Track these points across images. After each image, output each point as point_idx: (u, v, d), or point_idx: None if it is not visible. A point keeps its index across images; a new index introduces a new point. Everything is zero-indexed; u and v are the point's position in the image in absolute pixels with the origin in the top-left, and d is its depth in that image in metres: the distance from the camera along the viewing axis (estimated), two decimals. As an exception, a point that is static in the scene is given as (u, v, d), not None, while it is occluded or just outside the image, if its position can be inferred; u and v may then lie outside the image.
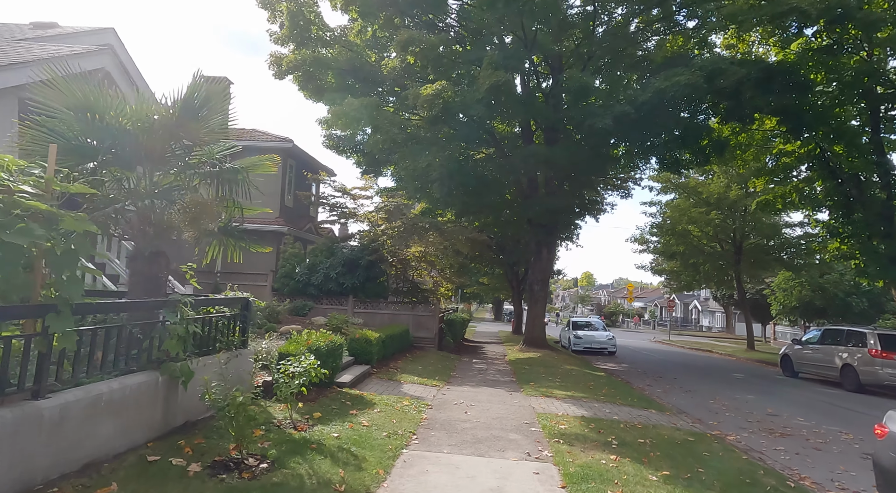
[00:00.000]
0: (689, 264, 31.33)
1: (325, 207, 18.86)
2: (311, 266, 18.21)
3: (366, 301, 18.04)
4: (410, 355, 15.34)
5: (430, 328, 17.99)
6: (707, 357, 26.65)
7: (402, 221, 17.27)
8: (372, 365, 11.04)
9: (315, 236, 21.31)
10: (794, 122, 17.85)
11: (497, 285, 39.06)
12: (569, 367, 16.08)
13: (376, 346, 11.21)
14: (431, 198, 20.71)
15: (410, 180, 18.47)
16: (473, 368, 14.85)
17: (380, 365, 12.03)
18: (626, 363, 20.95)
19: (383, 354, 12.42)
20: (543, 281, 21.20)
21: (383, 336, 12.42)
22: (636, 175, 27.51)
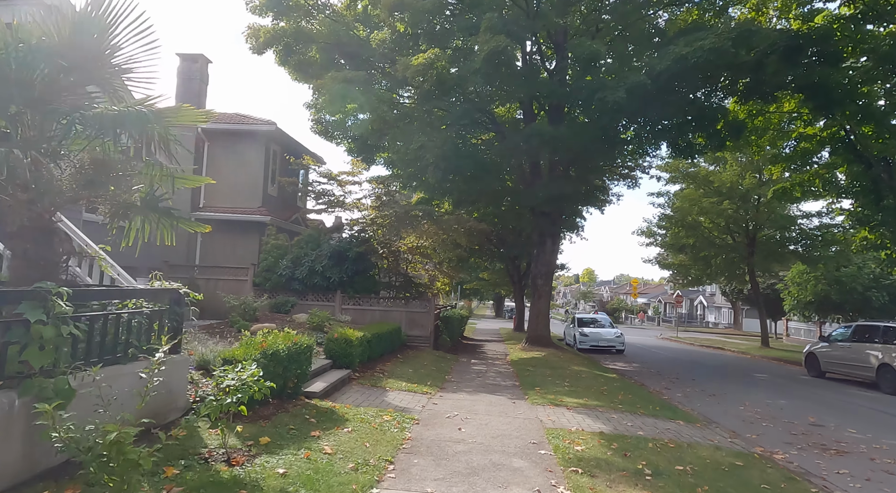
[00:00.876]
0: (700, 258, 29.81)
1: (312, 195, 17.36)
2: (295, 259, 16.74)
3: (355, 297, 16.58)
4: (402, 355, 13.87)
5: (425, 326, 16.53)
6: (720, 355, 25.17)
7: (394, 209, 15.77)
8: (353, 369, 9.57)
9: (302, 228, 19.83)
10: (822, 99, 16.30)
11: (498, 281, 37.59)
12: (577, 368, 14.62)
13: (358, 347, 9.74)
14: (427, 186, 19.24)
15: (403, 165, 16.98)
16: (471, 370, 13.38)
17: (364, 369, 10.57)
18: (636, 363, 19.48)
19: (368, 355, 10.95)
20: (547, 275, 19.72)
21: (368, 336, 10.95)
22: (644, 163, 26.16)
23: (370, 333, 11.37)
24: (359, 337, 9.91)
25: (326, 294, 16.71)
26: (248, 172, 18.42)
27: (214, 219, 18.07)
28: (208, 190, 18.49)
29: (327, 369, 9.08)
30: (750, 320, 54.66)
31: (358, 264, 16.53)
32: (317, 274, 16.43)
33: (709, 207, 27.41)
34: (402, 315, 16.57)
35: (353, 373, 9.65)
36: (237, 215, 17.96)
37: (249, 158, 18.43)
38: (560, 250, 21.02)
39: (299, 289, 16.51)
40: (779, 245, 28.85)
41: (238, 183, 18.43)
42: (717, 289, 61.56)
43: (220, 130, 18.37)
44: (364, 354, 10.44)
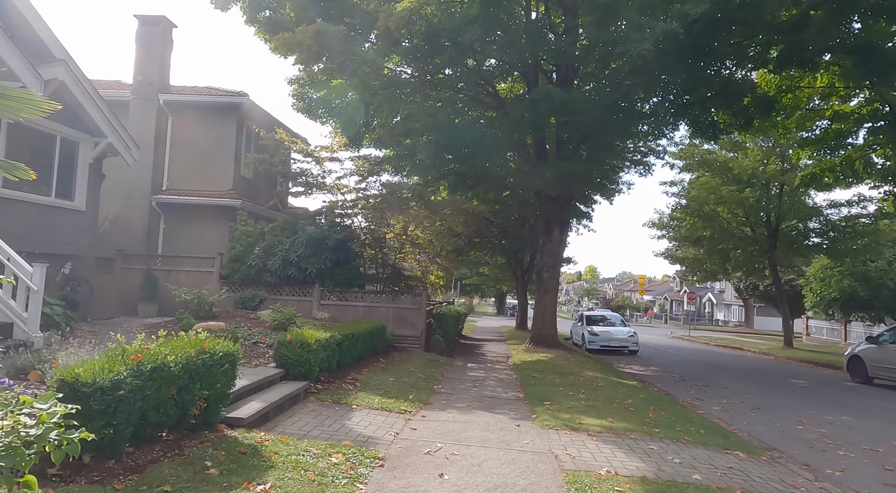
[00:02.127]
0: (717, 251, 27.66)
1: (290, 177, 15.23)
2: (267, 248, 14.66)
3: (335, 291, 14.52)
4: (385, 359, 11.80)
5: (415, 324, 14.46)
6: (741, 357, 23.06)
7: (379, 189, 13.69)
8: (312, 380, 7.49)
9: (283, 215, 17.72)
10: (874, 64, 14.14)
11: (499, 276, 35.51)
12: (590, 373, 12.54)
13: (320, 352, 7.66)
14: (421, 169, 17.12)
15: (391, 140, 14.89)
16: (467, 377, 11.30)
17: (331, 378, 8.50)
18: (653, 366, 17.40)
19: (339, 361, 8.86)
20: (554, 267, 17.61)
21: (338, 337, 8.87)
22: (658, 148, 24.11)
23: (343, 333, 9.30)
24: (321, 339, 7.83)
25: (303, 288, 14.66)
26: (218, 151, 16.33)
27: (179, 203, 16.02)
28: (173, 171, 16.42)
29: (276, 381, 7.01)
30: (762, 318, 52.56)
31: (338, 254, 14.45)
32: (291, 265, 14.36)
33: (728, 195, 25.23)
34: (388, 312, 14.51)
35: (313, 385, 7.58)
36: (204, 199, 15.88)
37: (219, 135, 16.34)
38: (567, 242, 18.89)
39: (272, 282, 14.45)
40: (803, 237, 26.73)
41: (206, 163, 16.36)
42: (726, 286, 59.43)
43: (185, 103, 16.28)
44: (331, 359, 8.35)
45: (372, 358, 11.41)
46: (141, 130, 15.71)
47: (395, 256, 15.69)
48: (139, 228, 15.81)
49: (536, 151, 16.92)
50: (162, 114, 16.12)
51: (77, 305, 12.63)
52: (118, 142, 12.64)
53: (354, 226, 14.38)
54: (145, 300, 14.31)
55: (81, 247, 12.64)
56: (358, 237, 13.94)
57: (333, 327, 11.03)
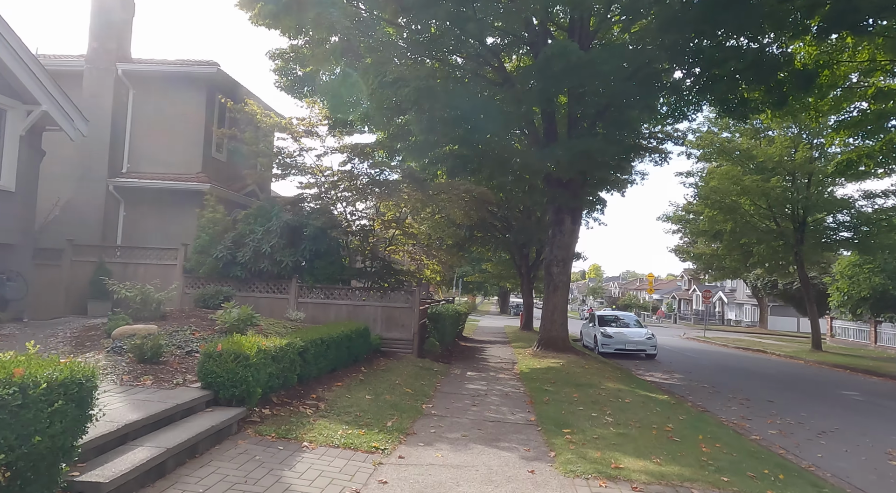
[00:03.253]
0: (739, 246, 25.62)
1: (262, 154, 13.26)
2: (237, 238, 12.76)
3: (315, 287, 12.62)
4: (368, 368, 9.88)
5: (407, 326, 12.54)
6: (768, 361, 21.06)
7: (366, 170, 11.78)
8: (252, 405, 5.56)
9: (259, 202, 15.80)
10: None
11: (503, 273, 33.55)
12: (612, 385, 10.59)
13: (265, 366, 5.72)
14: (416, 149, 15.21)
15: (381, 118, 12.95)
16: (465, 390, 9.36)
17: (291, 397, 6.59)
18: (677, 372, 15.44)
19: (299, 375, 6.94)
20: (565, 261, 15.66)
21: (300, 344, 6.94)
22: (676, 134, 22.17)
23: (308, 339, 7.38)
24: (270, 349, 5.89)
25: (278, 284, 12.76)
26: (186, 129, 14.41)
27: (141, 187, 14.12)
28: (135, 151, 14.51)
29: (198, 409, 5.09)
30: (776, 318, 50.45)
31: (318, 244, 12.53)
32: (264, 257, 12.45)
33: (751, 185, 23.16)
34: (376, 312, 12.60)
35: (257, 410, 5.66)
36: (169, 183, 13.97)
37: (187, 110, 14.42)
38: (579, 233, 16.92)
39: (242, 276, 12.55)
40: (832, 231, 24.68)
41: (173, 143, 14.45)
42: (738, 284, 57.35)
43: (147, 74, 14.38)
44: (287, 374, 6.43)
45: (351, 367, 9.49)
46: (96, 104, 13.82)
47: (386, 248, 13.77)
48: (95, 216, 13.91)
49: (545, 130, 14.96)
50: (121, 86, 14.21)
51: (7, 303, 10.77)
52: (57, 112, 10.74)
53: (337, 212, 12.44)
54: (97, 298, 12.40)
55: (12, 235, 10.76)
56: (340, 225, 12.00)
57: (306, 329, 9.14)
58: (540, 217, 24.67)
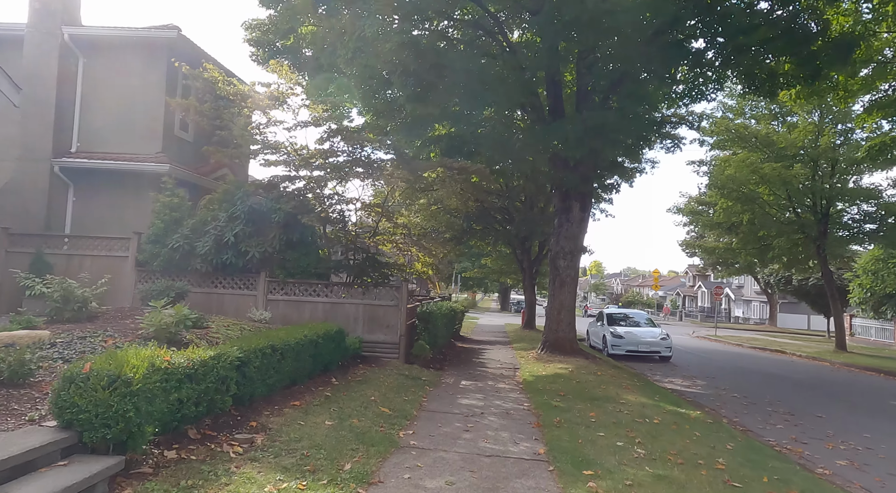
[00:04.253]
0: (756, 239, 23.90)
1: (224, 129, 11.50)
2: (197, 226, 11.07)
3: (288, 282, 10.96)
4: (341, 379, 8.21)
5: (393, 326, 10.87)
6: (791, 363, 19.38)
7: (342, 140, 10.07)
8: (137, 451, 3.86)
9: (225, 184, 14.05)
10: None
11: (503, 268, 31.85)
12: (632, 398, 8.92)
13: (159, 394, 3.99)
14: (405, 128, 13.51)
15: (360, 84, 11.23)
16: (457, 408, 7.67)
17: (220, 428, 4.92)
18: (698, 378, 13.78)
19: (234, 396, 5.26)
20: (573, 254, 13.98)
21: (236, 355, 5.26)
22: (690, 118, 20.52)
23: (250, 347, 5.69)
24: (174, 368, 4.19)
25: (245, 278, 11.11)
26: (144, 103, 12.70)
27: (92, 169, 12.42)
28: (86, 128, 12.80)
29: (42, 462, 3.39)
30: (786, 315, 48.77)
31: (290, 232, 10.84)
32: (227, 247, 10.77)
33: (771, 174, 21.42)
34: (357, 310, 10.93)
35: (145, 459, 3.96)
36: (124, 164, 12.27)
37: (145, 82, 12.70)
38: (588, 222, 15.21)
39: (202, 269, 10.88)
40: (857, 222, 22.97)
41: (130, 119, 12.74)
42: (746, 281, 55.64)
43: (98, 40, 12.66)
44: (212, 399, 4.75)
45: (318, 379, 7.81)
46: (38, 73, 12.13)
47: (371, 238, 12.08)
48: (37, 202, 12.22)
49: (551, 106, 13.24)
50: (69, 54, 12.49)
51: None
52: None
53: (312, 195, 10.74)
54: (34, 294, 10.72)
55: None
56: (313, 209, 10.29)
57: (266, 332, 7.47)
58: (543, 208, 22.96)
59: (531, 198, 22.77)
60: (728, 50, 13.12)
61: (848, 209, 23.41)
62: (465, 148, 14.51)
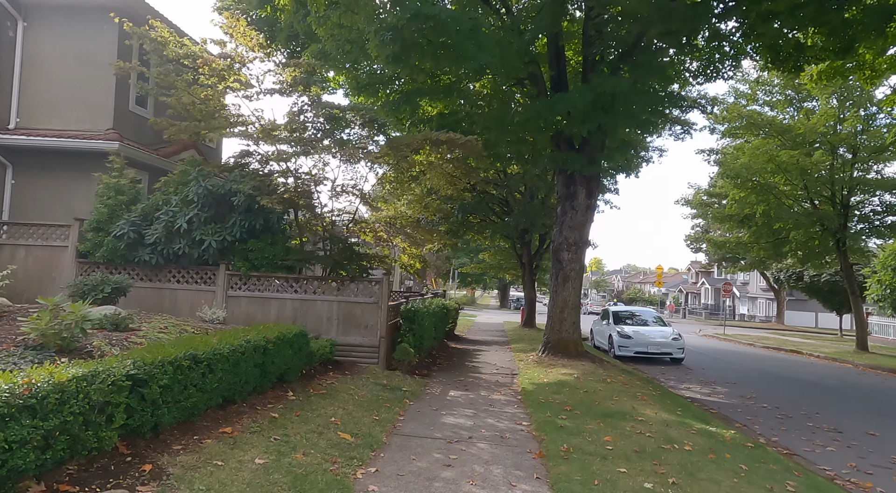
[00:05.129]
0: (771, 232, 22.43)
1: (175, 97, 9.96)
2: (147, 211, 9.61)
3: (252, 276, 9.51)
4: (300, 393, 6.75)
5: (372, 327, 9.42)
6: (812, 365, 17.97)
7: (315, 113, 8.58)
8: None
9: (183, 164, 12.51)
10: None
11: (501, 263, 30.37)
12: (651, 413, 7.47)
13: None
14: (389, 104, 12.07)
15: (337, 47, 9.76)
16: (438, 432, 6.22)
17: (87, 480, 3.47)
18: (717, 384, 12.35)
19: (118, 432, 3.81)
20: (577, 245, 12.53)
21: (122, 373, 3.80)
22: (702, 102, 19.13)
23: (161, 356, 4.26)
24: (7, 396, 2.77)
25: (202, 271, 9.66)
26: (94, 74, 11.21)
27: (33, 147, 10.95)
28: (26, 102, 11.33)
29: None
30: (793, 312, 47.38)
31: (252, 218, 9.37)
32: (179, 235, 9.31)
33: (789, 162, 19.93)
34: (331, 308, 9.48)
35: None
36: (68, 141, 10.80)
37: (93, 50, 11.22)
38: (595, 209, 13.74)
39: (152, 261, 9.42)
40: (878, 215, 21.53)
41: (77, 92, 11.28)
42: (752, 277, 54.24)
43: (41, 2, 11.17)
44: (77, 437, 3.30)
45: (270, 393, 6.36)
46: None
47: (348, 226, 10.62)
48: None
49: (555, 78, 11.76)
50: (5, 16, 10.99)
51: None
52: None
53: (275, 174, 9.25)
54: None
55: None
56: (275, 190, 8.80)
57: (201, 336, 6.02)
58: (544, 198, 21.50)
59: (531, 188, 21.30)
60: (752, 17, 11.65)
61: (869, 200, 21.98)
62: (458, 128, 13.02)
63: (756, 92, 23.50)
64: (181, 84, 9.49)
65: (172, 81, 9.32)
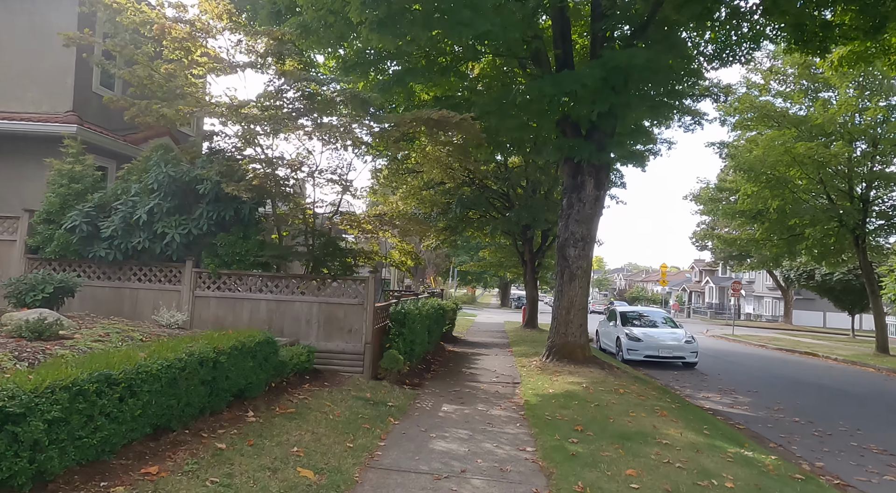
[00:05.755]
0: (786, 228, 21.35)
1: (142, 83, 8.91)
2: (104, 201, 8.57)
3: (222, 274, 8.47)
4: (261, 412, 5.69)
5: (357, 331, 8.38)
6: (832, 369, 16.93)
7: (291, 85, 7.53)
8: None
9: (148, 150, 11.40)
10: None
11: (502, 261, 29.31)
12: (676, 433, 6.43)
13: None
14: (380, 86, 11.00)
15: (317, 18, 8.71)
16: (425, 461, 5.16)
17: None
18: (737, 392, 11.30)
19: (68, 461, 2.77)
20: (585, 241, 11.49)
21: None
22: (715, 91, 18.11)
23: (49, 379, 3.19)
24: None
25: (167, 269, 8.61)
26: (50, 51, 10.14)
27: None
28: (-21, 82, 10.29)
29: None
30: (800, 312, 46.30)
31: (221, 209, 8.32)
32: (138, 228, 8.27)
33: (806, 154, 18.82)
34: (310, 310, 8.45)
35: None
36: (20, 124, 9.75)
37: (50, 24, 10.16)
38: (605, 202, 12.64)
39: (109, 257, 8.37)
40: None
41: (31, 70, 10.23)
42: (757, 276, 53.14)
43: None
44: None
45: (223, 415, 5.31)
46: None
47: (331, 218, 9.57)
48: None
49: (560, 56, 10.70)
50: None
51: None
52: None
53: (244, 158, 8.21)
54: None
55: None
56: (243, 176, 7.74)
57: (154, 344, 4.98)
58: (547, 193, 20.46)
59: (533, 182, 20.24)
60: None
61: (889, 195, 20.91)
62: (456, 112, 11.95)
63: (769, 82, 22.42)
64: (142, 58, 8.43)
65: (131, 54, 8.26)
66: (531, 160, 18.75)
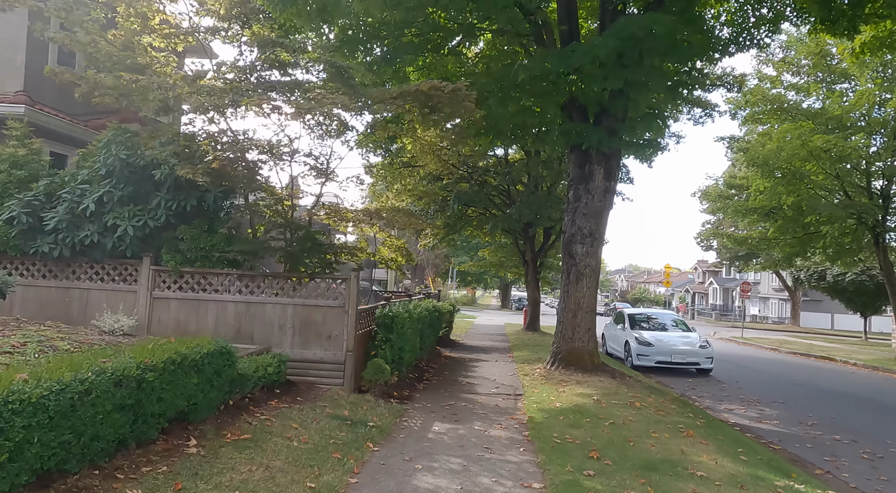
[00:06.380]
0: (800, 226, 20.30)
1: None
2: (51, 189, 7.53)
3: (185, 273, 7.44)
4: (209, 439, 4.64)
5: (336, 337, 7.34)
6: (854, 375, 15.89)
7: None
8: None
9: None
10: None
11: (503, 260, 28.25)
12: (709, 460, 5.39)
13: None
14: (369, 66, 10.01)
15: None
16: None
17: None
18: (763, 405, 10.24)
19: None
20: (594, 236, 10.47)
21: None
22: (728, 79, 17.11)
23: None
24: None
25: (122, 266, 7.59)
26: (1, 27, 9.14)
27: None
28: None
29: None
30: (807, 313, 45.23)
31: (182, 198, 7.28)
32: (87, 220, 7.24)
33: (822, 148, 17.78)
34: (284, 313, 7.42)
35: None
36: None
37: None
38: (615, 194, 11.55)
39: (54, 253, 7.35)
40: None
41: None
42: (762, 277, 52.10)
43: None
44: None
45: (162, 442, 4.27)
46: None
47: (309, 210, 8.53)
48: None
49: (565, 33, 9.67)
50: None
51: None
52: None
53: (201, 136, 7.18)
54: None
55: None
56: (202, 157, 6.71)
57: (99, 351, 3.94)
58: (550, 188, 19.44)
59: (535, 177, 19.20)
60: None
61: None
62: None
63: (781, 74, 21.42)
64: (93, 27, 7.40)
65: (80, 21, 7.23)
66: (533, 153, 17.73)
